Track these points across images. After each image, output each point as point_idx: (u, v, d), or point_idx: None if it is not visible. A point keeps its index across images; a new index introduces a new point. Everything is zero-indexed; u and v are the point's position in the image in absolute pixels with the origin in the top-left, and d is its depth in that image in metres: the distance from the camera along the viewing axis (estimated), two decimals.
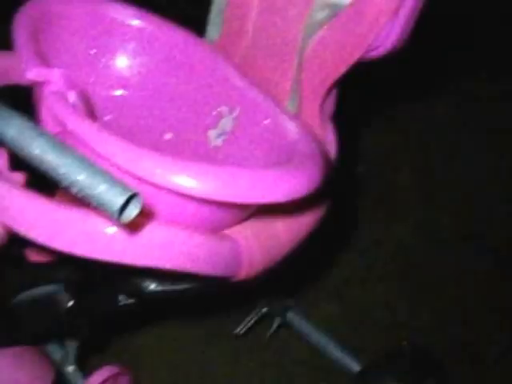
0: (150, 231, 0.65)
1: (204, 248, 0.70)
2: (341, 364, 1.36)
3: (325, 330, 1.40)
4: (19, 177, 0.73)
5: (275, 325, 1.41)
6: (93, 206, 0.52)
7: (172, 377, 1.44)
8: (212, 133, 0.91)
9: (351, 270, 1.74)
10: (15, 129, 0.56)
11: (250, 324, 1.40)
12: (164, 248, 0.67)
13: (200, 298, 0.97)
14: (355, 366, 1.33)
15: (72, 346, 1.14)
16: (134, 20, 0.94)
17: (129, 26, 0.94)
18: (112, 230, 0.64)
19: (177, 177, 0.60)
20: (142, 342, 1.48)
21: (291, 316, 1.41)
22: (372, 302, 1.68)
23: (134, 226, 0.63)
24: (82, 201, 0.54)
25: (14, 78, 0.89)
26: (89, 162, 0.53)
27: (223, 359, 1.49)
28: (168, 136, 0.95)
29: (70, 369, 1.16)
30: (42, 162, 0.54)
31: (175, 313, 1.42)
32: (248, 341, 1.49)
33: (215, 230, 0.74)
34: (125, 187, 0.51)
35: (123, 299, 0.92)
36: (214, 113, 0.91)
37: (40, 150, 0.54)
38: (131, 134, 0.69)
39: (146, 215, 0.62)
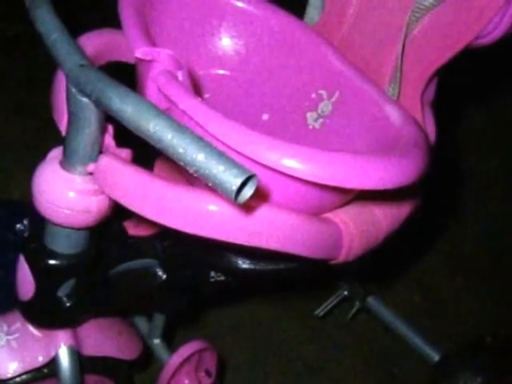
0: (261, 212, 0.66)
1: (310, 230, 0.70)
2: (419, 352, 1.35)
3: (404, 317, 1.39)
4: (126, 153, 0.75)
5: (355, 309, 1.41)
6: (209, 185, 0.53)
7: (251, 353, 1.46)
8: (311, 115, 0.91)
9: (434, 259, 1.72)
10: (132, 106, 0.57)
11: (330, 306, 1.41)
12: (273, 229, 0.67)
13: (288, 278, 0.98)
14: (434, 355, 1.32)
15: (159, 319, 1.17)
16: (236, 1, 0.95)
17: (231, 6, 0.94)
18: (225, 209, 0.65)
19: (290, 160, 0.60)
20: (223, 317, 1.50)
21: (371, 301, 1.41)
22: (454, 292, 1.66)
23: (245, 207, 0.64)
24: (185, 175, 0.54)
25: (115, 56, 0.91)
26: (206, 142, 0.53)
27: (302, 338, 1.51)
28: (265, 116, 0.95)
29: (156, 342, 1.19)
30: (159, 141, 0.54)
31: (257, 290, 1.44)
32: (327, 322, 1.50)
33: (318, 213, 0.75)
34: (243, 168, 0.51)
35: (215, 276, 0.93)
36: (314, 95, 0.91)
37: (158, 129, 0.54)
38: (229, 113, 0.70)
39: (257, 196, 0.63)
